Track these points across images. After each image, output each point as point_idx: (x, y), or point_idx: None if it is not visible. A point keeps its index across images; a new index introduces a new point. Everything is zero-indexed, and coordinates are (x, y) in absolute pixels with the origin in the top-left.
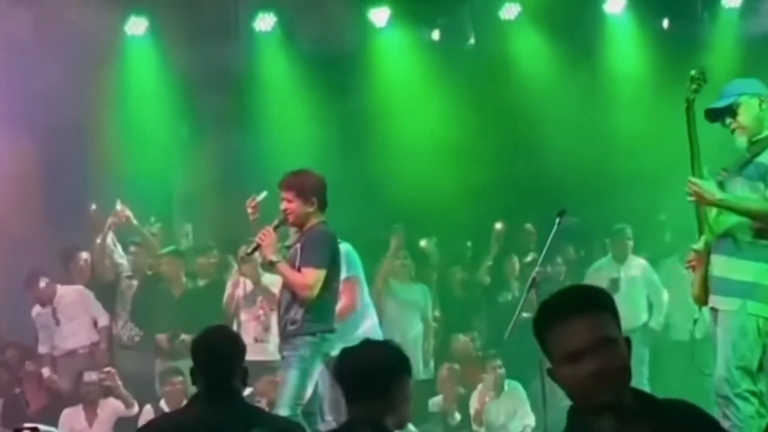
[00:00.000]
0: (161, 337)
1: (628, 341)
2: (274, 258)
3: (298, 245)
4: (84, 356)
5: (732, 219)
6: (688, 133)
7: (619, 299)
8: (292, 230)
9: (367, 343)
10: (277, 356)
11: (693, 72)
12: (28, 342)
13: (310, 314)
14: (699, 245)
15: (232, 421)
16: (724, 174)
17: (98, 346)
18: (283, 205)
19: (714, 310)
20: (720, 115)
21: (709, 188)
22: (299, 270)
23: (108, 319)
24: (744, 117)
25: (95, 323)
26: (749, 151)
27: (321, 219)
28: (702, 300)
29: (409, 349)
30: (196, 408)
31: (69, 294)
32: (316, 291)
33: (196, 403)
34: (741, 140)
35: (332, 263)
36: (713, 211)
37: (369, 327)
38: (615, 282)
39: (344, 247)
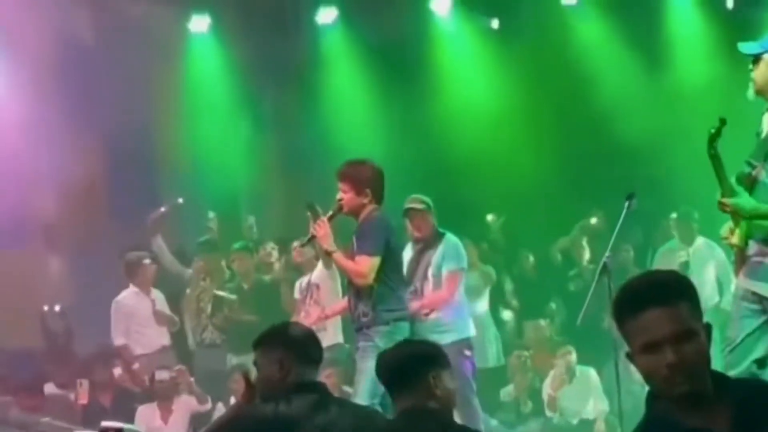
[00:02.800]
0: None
1: (708, 328)
2: (330, 248)
3: (354, 235)
4: (160, 355)
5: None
6: (718, 178)
7: None
8: None
9: (403, 344)
10: (337, 339)
11: (712, 129)
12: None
13: (381, 304)
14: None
15: (324, 411)
16: (753, 170)
17: (171, 347)
18: (339, 195)
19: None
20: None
21: (744, 204)
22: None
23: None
24: (758, 73)
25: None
26: None
27: (375, 206)
28: None
29: (476, 339)
30: (292, 400)
31: (160, 294)
32: (371, 278)
33: (291, 395)
34: (749, 93)
35: (388, 249)
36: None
37: (461, 320)
38: (685, 264)
39: (451, 239)
